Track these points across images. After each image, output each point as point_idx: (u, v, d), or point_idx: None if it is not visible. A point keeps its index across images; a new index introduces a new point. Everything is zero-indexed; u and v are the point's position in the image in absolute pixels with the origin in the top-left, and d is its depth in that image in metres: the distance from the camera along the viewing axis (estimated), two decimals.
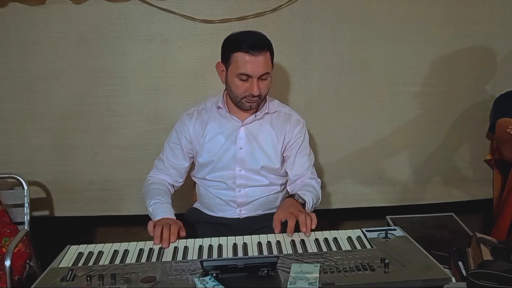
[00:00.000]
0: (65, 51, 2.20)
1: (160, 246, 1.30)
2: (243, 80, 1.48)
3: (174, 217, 1.46)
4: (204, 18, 2.19)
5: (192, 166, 1.74)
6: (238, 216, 1.65)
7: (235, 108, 1.61)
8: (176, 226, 1.35)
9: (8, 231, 1.84)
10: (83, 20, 2.16)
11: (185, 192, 2.27)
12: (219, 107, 1.63)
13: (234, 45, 1.49)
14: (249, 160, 1.61)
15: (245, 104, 1.54)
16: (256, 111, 1.62)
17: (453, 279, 1.07)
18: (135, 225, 2.31)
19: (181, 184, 1.71)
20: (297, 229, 1.35)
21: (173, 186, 1.68)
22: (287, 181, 1.72)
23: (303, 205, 1.48)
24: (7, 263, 1.54)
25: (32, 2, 2.12)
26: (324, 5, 2.23)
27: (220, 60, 1.57)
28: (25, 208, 1.88)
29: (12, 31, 2.16)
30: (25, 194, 1.88)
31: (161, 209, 1.48)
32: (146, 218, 1.47)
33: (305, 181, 1.66)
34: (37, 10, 2.14)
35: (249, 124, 1.62)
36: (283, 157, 1.68)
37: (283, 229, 1.36)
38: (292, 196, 1.51)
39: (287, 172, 1.69)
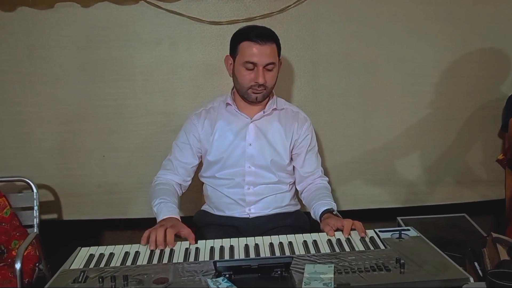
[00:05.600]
0: (73, 54, 2.21)
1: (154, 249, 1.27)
2: (249, 69, 1.52)
3: (178, 217, 1.44)
4: (211, 20, 2.19)
5: (200, 165, 1.73)
6: (247, 216, 1.63)
7: (243, 104, 1.62)
8: (173, 230, 1.32)
9: (17, 234, 1.84)
10: (91, 23, 2.17)
11: (194, 195, 2.26)
12: (228, 104, 1.64)
13: (241, 35, 1.54)
14: (259, 156, 1.62)
15: (251, 95, 1.56)
16: (264, 107, 1.63)
17: (471, 279, 1.04)
18: (143, 229, 2.27)
19: (189, 183, 1.70)
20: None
21: (180, 186, 1.67)
22: (294, 181, 1.71)
23: None
24: (18, 266, 1.54)
25: (40, 6, 2.13)
26: (332, 6, 2.23)
27: (228, 54, 1.60)
28: (34, 211, 1.88)
29: (21, 35, 2.17)
30: (34, 197, 1.89)
31: (165, 208, 1.47)
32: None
33: (317, 182, 1.67)
34: (45, 14, 2.15)
35: (258, 120, 1.63)
36: (292, 155, 1.68)
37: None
38: (330, 212, 1.50)
39: (294, 171, 1.69)
